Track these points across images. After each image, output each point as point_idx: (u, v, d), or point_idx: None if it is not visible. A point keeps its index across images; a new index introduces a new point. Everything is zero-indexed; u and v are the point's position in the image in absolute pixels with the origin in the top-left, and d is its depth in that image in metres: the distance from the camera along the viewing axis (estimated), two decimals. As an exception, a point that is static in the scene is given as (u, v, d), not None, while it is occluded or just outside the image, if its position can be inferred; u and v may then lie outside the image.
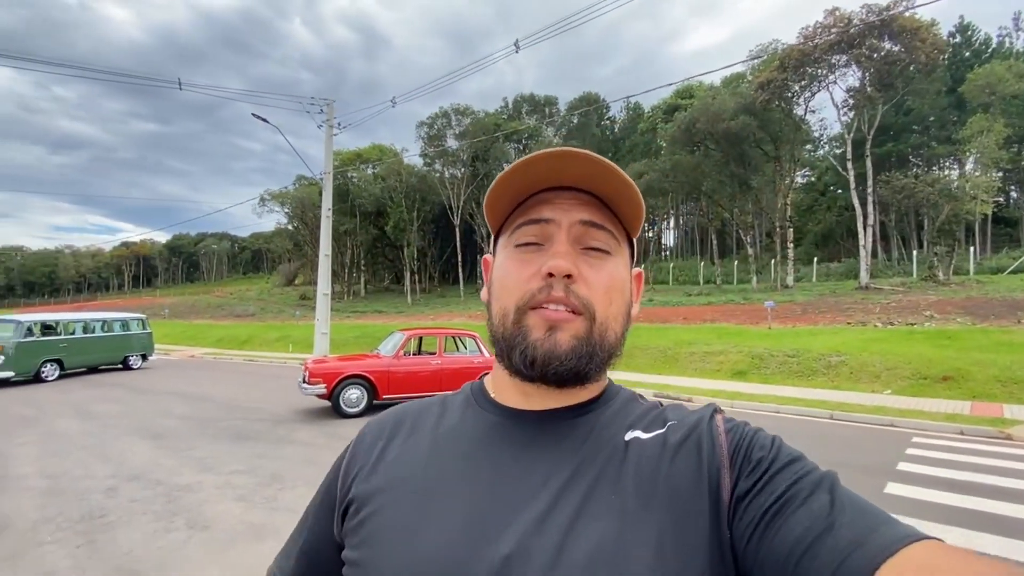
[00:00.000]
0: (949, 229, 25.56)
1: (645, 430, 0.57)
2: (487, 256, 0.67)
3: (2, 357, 12.01)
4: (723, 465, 0.51)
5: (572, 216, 0.57)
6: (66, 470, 5.68)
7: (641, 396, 0.65)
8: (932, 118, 34.76)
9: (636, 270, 0.66)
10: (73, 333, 14.04)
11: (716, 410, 0.59)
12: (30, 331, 12.79)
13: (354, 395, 8.57)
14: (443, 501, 0.53)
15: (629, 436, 0.56)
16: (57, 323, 13.74)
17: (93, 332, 14.61)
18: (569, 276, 0.55)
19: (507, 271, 0.59)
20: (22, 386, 12.15)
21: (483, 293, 0.65)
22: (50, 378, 13.04)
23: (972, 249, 25.90)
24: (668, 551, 0.47)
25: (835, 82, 27.15)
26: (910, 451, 6.50)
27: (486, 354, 9.41)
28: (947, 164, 37.11)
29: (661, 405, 0.63)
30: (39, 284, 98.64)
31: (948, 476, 5.49)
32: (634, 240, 0.65)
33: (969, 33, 38.61)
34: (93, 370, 14.82)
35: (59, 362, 13.38)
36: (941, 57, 25.20)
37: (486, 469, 0.55)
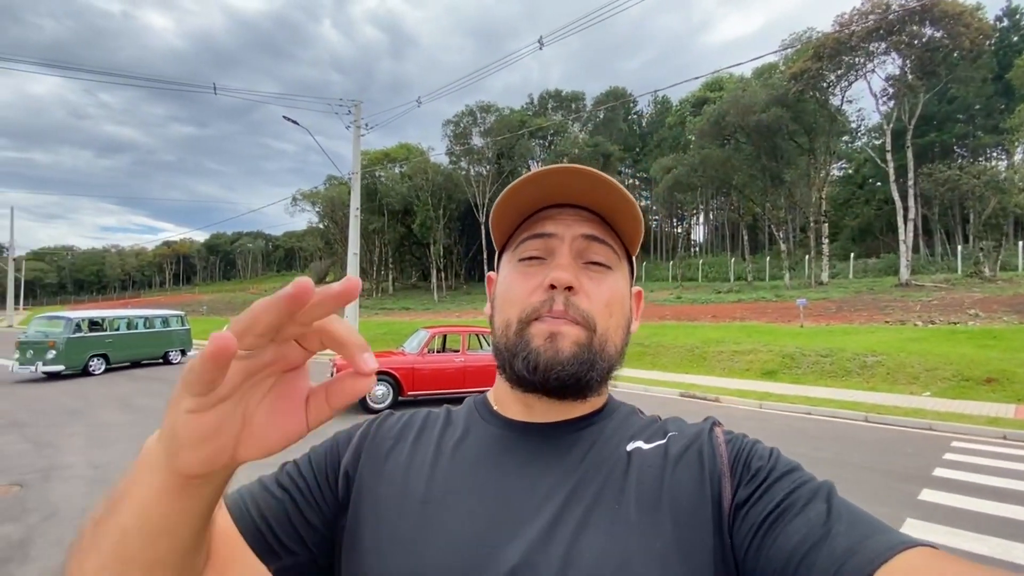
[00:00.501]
0: (996, 223, 24.32)
1: (646, 441, 0.58)
2: (491, 273, 0.68)
3: (53, 352, 12.70)
4: (724, 474, 0.52)
5: (574, 230, 0.59)
6: (111, 460, 6.00)
7: (640, 410, 0.66)
8: (978, 106, 33.08)
9: (636, 288, 0.67)
10: (118, 329, 14.73)
11: (715, 423, 0.60)
12: (79, 327, 13.48)
13: (379, 391, 8.75)
14: (448, 513, 0.54)
15: (631, 447, 0.57)
16: (103, 320, 14.43)
17: (136, 328, 15.31)
18: (571, 288, 0.56)
19: (510, 284, 0.60)
20: (71, 379, 12.82)
21: (487, 309, 0.66)
22: (97, 372, 13.72)
23: (1021, 244, 24.51)
24: (673, 560, 0.48)
25: (873, 71, 26.11)
26: (948, 456, 6.25)
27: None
28: (994, 155, 35.28)
29: (660, 418, 0.64)
30: (88, 282, 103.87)
31: (988, 483, 5.26)
32: (633, 258, 0.66)
33: (1017, 17, 36.44)
34: (136, 364, 15.50)
35: (105, 357, 14.07)
36: (987, 42, 23.97)
37: (491, 481, 0.56)
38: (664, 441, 0.57)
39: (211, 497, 0.39)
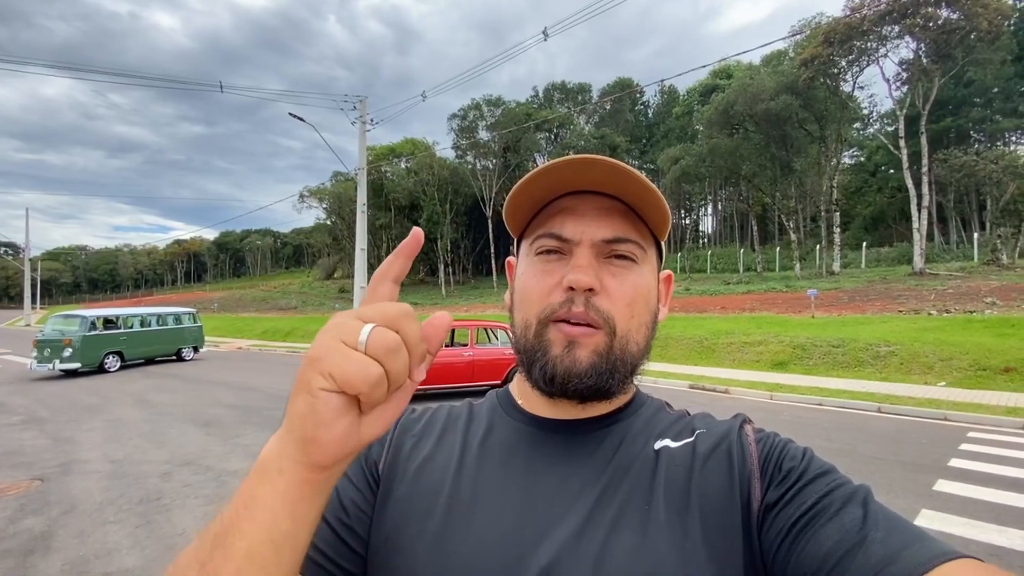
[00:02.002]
0: (1015, 209, 23.71)
1: (674, 439, 0.56)
2: (510, 259, 0.67)
3: (70, 350, 12.92)
4: (754, 474, 0.51)
5: (594, 234, 0.56)
6: (127, 455, 6.10)
7: (669, 404, 0.65)
8: (996, 90, 32.34)
9: (665, 272, 0.65)
10: (132, 327, 14.95)
11: (745, 419, 0.58)
12: (94, 325, 13.70)
13: (390, 386, 8.79)
14: (477, 511, 0.52)
15: (659, 445, 0.56)
16: (117, 318, 14.65)
17: (149, 326, 15.53)
18: (591, 290, 0.54)
19: (528, 281, 0.58)
20: (88, 376, 13.06)
21: (506, 297, 0.65)
22: (112, 369, 13.95)
23: (1041, 230, 24.01)
24: (703, 563, 0.47)
25: (886, 55, 25.57)
26: (964, 447, 6.17)
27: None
28: (1013, 138, 34.51)
29: (688, 413, 0.63)
30: (102, 281, 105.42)
31: (1005, 473, 5.18)
32: (662, 242, 0.63)
33: (1039, -5, 35.50)
34: (150, 361, 15.75)
35: (120, 354, 14.29)
36: (1006, 23, 23.31)
37: (520, 479, 0.55)
38: (692, 439, 0.56)
39: (324, 503, 0.39)
